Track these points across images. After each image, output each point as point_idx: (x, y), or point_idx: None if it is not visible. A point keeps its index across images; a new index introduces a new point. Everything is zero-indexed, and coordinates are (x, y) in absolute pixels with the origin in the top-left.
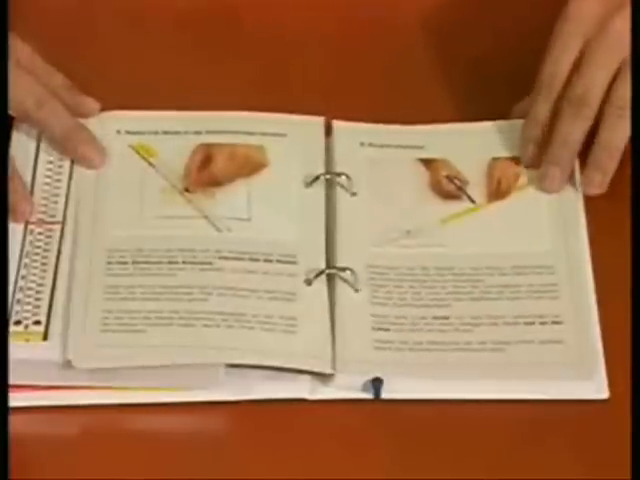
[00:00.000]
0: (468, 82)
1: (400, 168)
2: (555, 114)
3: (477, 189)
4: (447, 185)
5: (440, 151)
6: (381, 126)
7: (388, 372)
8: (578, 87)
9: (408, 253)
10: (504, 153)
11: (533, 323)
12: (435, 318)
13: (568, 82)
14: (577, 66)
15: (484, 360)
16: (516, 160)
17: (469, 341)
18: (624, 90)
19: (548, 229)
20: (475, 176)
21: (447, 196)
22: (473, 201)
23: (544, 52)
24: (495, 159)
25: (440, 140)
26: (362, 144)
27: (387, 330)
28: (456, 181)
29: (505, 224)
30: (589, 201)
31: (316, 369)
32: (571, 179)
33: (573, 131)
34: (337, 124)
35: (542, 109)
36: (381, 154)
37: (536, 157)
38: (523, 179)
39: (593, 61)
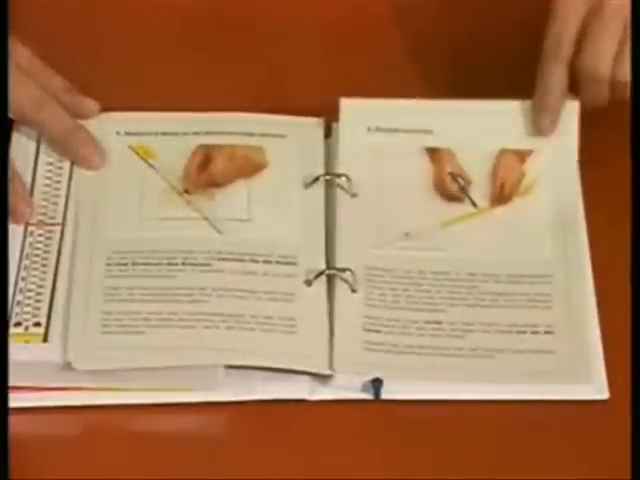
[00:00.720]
0: (472, 81)
1: (404, 161)
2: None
3: (480, 191)
4: (450, 185)
5: (448, 139)
6: (391, 102)
7: (381, 373)
8: (588, 58)
9: (406, 256)
10: (513, 142)
11: (525, 332)
12: (427, 322)
13: (577, 50)
14: (583, 35)
15: (474, 366)
16: (521, 156)
17: (460, 347)
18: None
19: (548, 238)
20: (479, 174)
21: (450, 198)
22: (475, 205)
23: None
24: (503, 151)
25: (450, 124)
26: (369, 129)
27: (378, 332)
28: (460, 180)
29: (506, 231)
30: (590, 202)
31: (314, 370)
32: (571, 186)
33: (553, 75)
34: (345, 103)
35: (553, 76)
36: (387, 140)
37: (552, 126)
38: (527, 180)
39: (600, 31)
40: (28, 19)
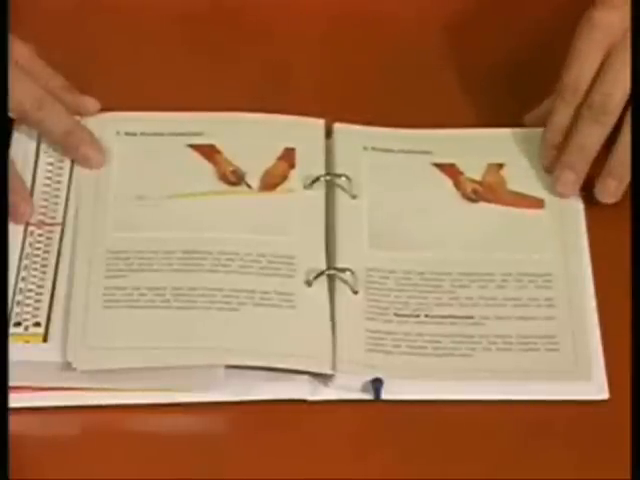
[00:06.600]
0: (473, 85)
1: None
2: (576, 120)
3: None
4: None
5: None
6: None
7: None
8: (599, 94)
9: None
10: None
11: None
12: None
13: (590, 88)
14: (599, 73)
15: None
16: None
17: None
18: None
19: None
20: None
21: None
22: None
23: (550, 56)
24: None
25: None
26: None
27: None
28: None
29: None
30: (589, 205)
31: (316, 370)
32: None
33: (590, 136)
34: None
35: (565, 114)
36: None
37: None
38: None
39: (615, 69)
40: (28, 19)
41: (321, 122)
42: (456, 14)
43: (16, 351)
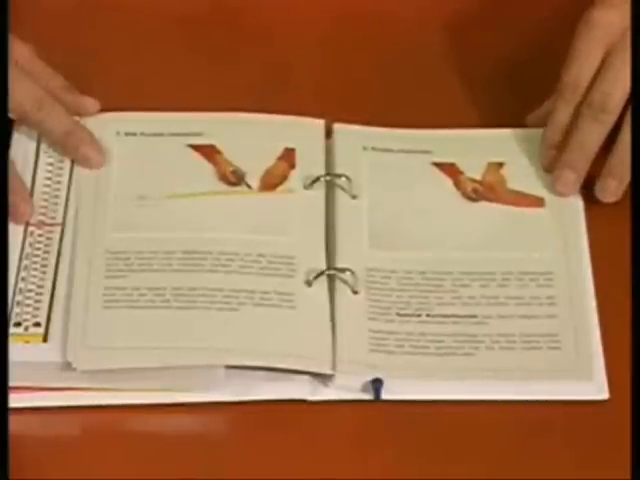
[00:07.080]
0: (473, 85)
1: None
2: (576, 118)
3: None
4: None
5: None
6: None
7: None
8: (599, 92)
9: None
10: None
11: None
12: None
13: (590, 87)
14: (599, 72)
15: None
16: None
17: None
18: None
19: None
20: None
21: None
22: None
23: (548, 56)
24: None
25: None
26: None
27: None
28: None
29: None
30: (589, 204)
31: (316, 370)
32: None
33: (590, 134)
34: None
35: (566, 113)
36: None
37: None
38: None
39: (615, 68)
40: (28, 19)
41: (321, 122)
42: (456, 14)
43: (16, 351)
